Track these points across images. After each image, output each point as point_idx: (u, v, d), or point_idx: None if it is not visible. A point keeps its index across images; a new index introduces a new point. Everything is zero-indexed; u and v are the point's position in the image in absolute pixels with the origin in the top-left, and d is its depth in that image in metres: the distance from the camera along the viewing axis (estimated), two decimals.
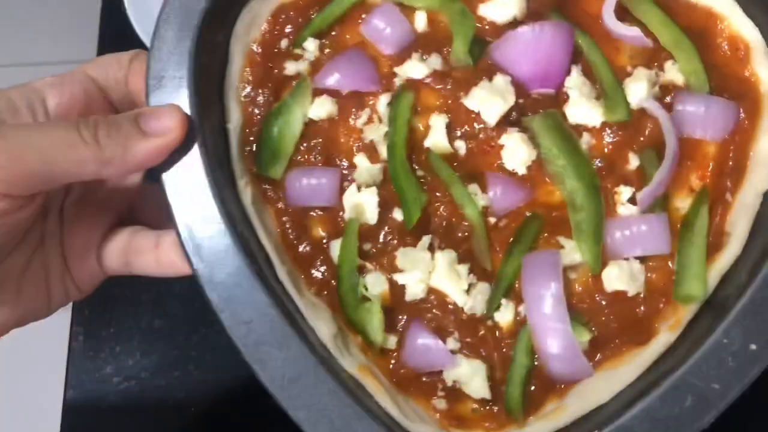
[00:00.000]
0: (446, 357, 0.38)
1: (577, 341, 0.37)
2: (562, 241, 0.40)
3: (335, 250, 0.40)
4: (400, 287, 0.40)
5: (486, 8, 0.43)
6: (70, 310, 0.62)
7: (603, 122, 0.42)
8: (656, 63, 0.43)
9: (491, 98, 0.41)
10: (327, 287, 0.40)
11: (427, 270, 0.39)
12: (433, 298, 0.40)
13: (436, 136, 0.41)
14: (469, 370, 0.38)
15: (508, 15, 0.43)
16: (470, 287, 0.39)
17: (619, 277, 0.39)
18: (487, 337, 0.39)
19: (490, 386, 0.38)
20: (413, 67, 0.42)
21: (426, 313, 0.39)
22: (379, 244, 0.41)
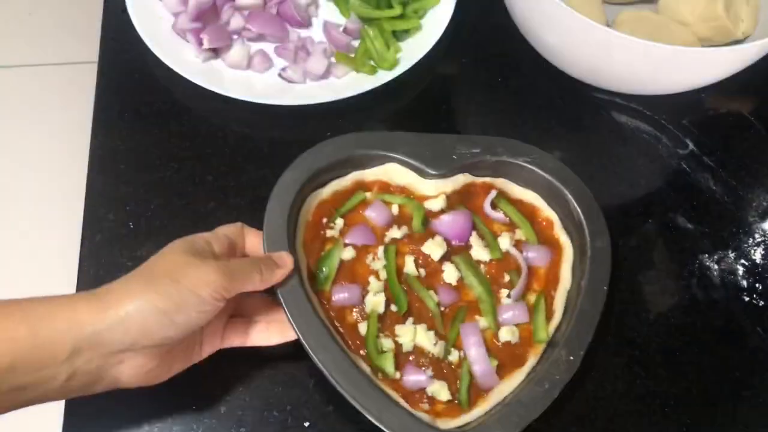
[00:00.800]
0: (426, 381, 0.60)
1: (491, 366, 0.61)
2: (478, 318, 0.63)
3: (363, 328, 0.61)
4: (399, 345, 0.61)
5: (428, 204, 0.67)
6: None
7: (490, 258, 0.65)
8: (512, 229, 0.68)
9: (435, 248, 0.65)
10: (360, 348, 0.61)
11: (412, 335, 0.61)
12: (416, 350, 0.62)
13: (409, 267, 0.64)
14: (438, 386, 0.60)
15: (439, 207, 0.67)
16: (436, 343, 0.61)
17: (506, 334, 0.62)
18: (446, 368, 0.61)
19: (450, 393, 0.60)
20: (394, 232, 0.66)
21: (413, 357, 0.61)
22: (386, 323, 0.63)
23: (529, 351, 0.63)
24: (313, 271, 0.63)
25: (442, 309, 0.64)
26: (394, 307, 0.64)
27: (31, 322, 0.46)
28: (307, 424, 0.60)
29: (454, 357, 0.62)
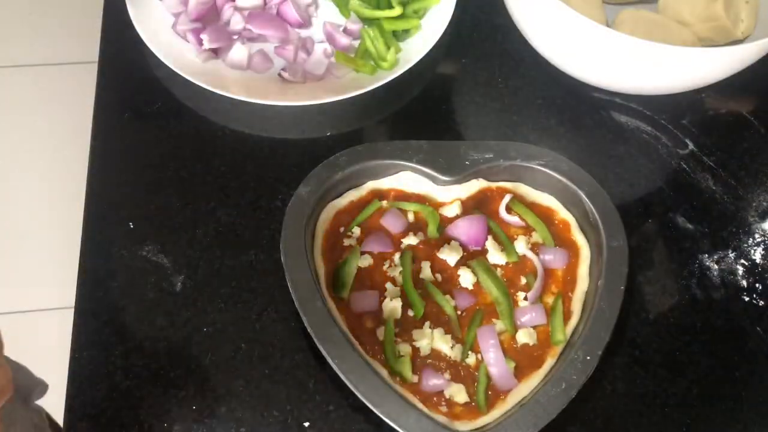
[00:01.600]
0: (444, 383, 0.61)
1: (509, 368, 0.63)
2: (495, 321, 0.65)
3: (381, 333, 0.63)
4: (417, 349, 0.63)
5: (443, 210, 0.69)
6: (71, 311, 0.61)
7: (506, 262, 0.67)
8: (528, 232, 0.69)
9: (451, 252, 0.67)
10: (378, 353, 0.63)
11: (429, 340, 0.63)
12: (433, 354, 0.63)
13: (426, 272, 0.66)
14: (456, 389, 0.61)
15: (454, 213, 0.69)
16: (453, 346, 0.63)
17: (524, 336, 0.64)
18: (463, 371, 0.63)
19: (468, 396, 0.61)
20: (410, 239, 0.67)
21: (431, 361, 0.63)
22: (403, 328, 0.64)
23: (546, 353, 0.64)
24: (331, 278, 0.65)
25: (459, 313, 0.66)
26: (411, 312, 0.65)
27: None
28: (307, 424, 0.60)
29: (471, 360, 0.63)
